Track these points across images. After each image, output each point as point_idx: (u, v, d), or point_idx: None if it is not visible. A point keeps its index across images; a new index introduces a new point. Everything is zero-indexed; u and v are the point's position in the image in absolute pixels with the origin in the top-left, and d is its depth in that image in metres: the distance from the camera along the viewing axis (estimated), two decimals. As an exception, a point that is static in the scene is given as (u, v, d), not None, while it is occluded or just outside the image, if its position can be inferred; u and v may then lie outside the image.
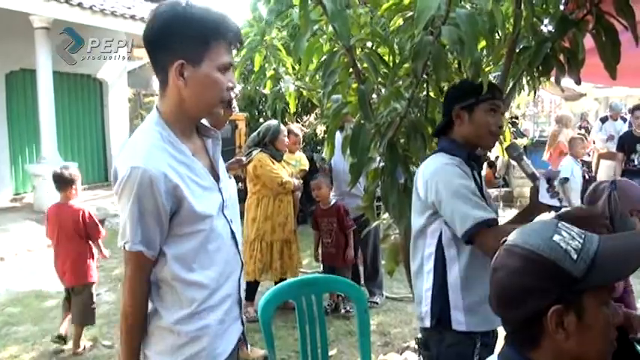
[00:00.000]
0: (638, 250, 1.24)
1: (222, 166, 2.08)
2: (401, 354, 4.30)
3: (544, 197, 2.37)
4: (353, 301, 2.94)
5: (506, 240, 1.32)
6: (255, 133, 5.95)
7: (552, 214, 2.48)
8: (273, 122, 5.94)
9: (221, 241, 1.96)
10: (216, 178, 2.00)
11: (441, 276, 2.40)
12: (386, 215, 3.44)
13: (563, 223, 1.28)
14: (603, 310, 1.21)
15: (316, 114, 11.85)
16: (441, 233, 2.41)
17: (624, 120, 10.93)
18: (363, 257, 6.08)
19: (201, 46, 1.82)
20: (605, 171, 9.24)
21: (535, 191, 2.43)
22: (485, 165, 12.94)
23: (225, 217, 1.99)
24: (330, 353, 2.85)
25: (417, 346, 2.58)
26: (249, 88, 10.96)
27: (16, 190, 11.61)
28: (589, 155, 10.87)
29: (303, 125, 11.81)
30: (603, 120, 11.37)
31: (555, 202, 2.36)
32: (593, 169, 9.70)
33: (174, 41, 1.82)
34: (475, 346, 2.34)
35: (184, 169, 1.87)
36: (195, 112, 1.91)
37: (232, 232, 2.02)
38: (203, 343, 1.92)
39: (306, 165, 6.86)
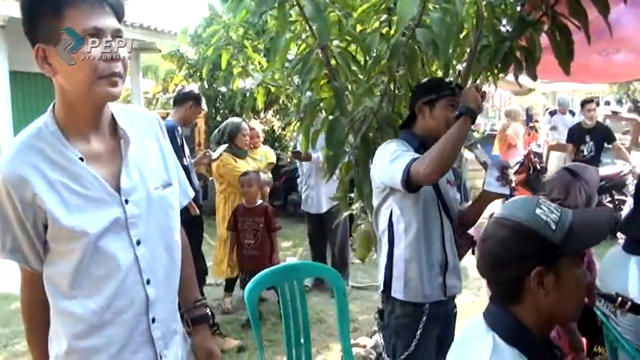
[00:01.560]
0: (604, 221, 1.48)
1: (137, 172, 1.69)
2: (370, 337, 4.48)
3: (491, 186, 2.58)
4: (332, 286, 3.10)
5: (493, 213, 1.54)
6: (216, 131, 5.97)
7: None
8: (235, 120, 5.96)
9: (114, 267, 1.60)
10: (118, 189, 1.63)
11: (390, 249, 2.67)
12: (356, 205, 3.63)
13: (543, 199, 1.51)
14: (576, 271, 1.44)
15: (274, 110, 11.94)
16: (391, 211, 2.68)
17: (572, 114, 11.40)
18: (331, 248, 6.18)
19: (55, 20, 1.49)
20: (555, 162, 9.63)
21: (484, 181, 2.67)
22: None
23: (130, 237, 1.63)
24: (302, 340, 3.02)
25: (375, 316, 2.86)
26: (206, 86, 11.09)
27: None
28: (539, 147, 11.30)
29: (261, 122, 11.91)
30: (552, 113, 11.83)
31: (505, 191, 2.57)
32: (544, 160, 10.08)
33: (30, 25, 1.53)
34: (421, 318, 2.58)
35: (59, 174, 1.56)
36: (78, 99, 1.58)
37: (136, 257, 1.64)
38: None
39: (272, 158, 6.86)
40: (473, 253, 2.77)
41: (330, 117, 3.16)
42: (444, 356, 1.61)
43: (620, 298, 2.07)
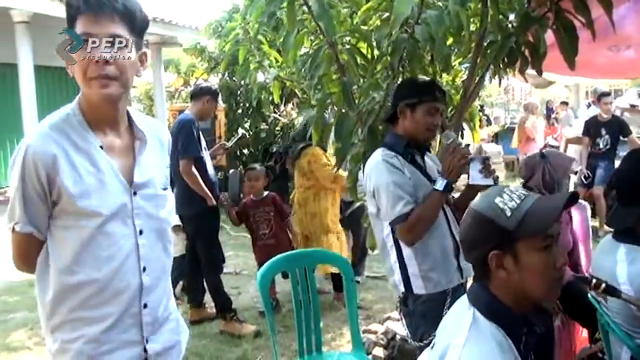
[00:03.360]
0: (554, 208, 1.59)
1: (149, 172, 1.88)
2: (382, 324, 4.59)
3: (475, 179, 2.67)
4: (341, 272, 3.23)
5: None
6: (300, 127, 5.92)
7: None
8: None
9: (116, 250, 1.76)
10: (130, 182, 1.82)
11: (398, 250, 2.74)
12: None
13: (510, 188, 1.66)
14: (539, 253, 1.56)
15: (293, 103, 12.05)
16: None
17: None
18: (353, 238, 6.04)
19: (71, 26, 1.72)
20: (573, 155, 9.63)
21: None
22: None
23: (134, 226, 1.81)
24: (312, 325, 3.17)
25: (397, 305, 2.88)
26: (228, 79, 11.24)
27: (-2, 184, 11.72)
28: (556, 140, 11.31)
29: (280, 115, 12.03)
30: (588, 105, 11.75)
31: (489, 182, 2.65)
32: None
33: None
34: (446, 300, 2.65)
35: (82, 157, 1.73)
36: (87, 97, 1.77)
37: (137, 245, 1.81)
38: (70, 358, 1.78)
39: None
40: None
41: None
42: None
43: (594, 280, 2.18)
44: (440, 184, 2.60)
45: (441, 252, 2.69)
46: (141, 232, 1.82)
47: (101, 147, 1.78)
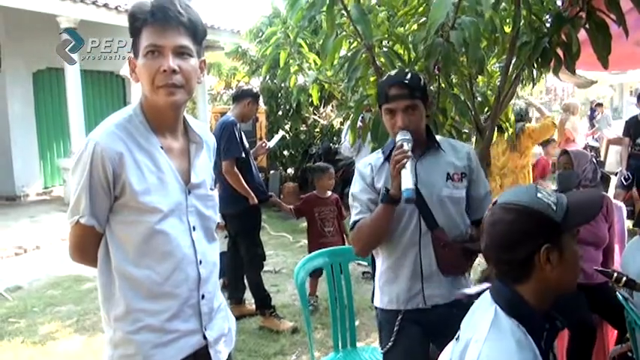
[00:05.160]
0: (595, 200, 1.67)
1: (202, 174, 2.00)
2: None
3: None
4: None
5: (496, 201, 1.70)
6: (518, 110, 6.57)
7: None
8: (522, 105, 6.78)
9: (175, 245, 1.87)
10: (187, 182, 1.93)
11: (375, 263, 2.74)
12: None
13: (539, 186, 1.69)
14: (574, 246, 1.62)
15: (332, 105, 12.15)
16: None
17: None
18: None
19: (136, 38, 1.83)
20: (614, 156, 9.49)
21: None
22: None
23: (188, 222, 1.92)
24: (355, 324, 3.27)
25: None
26: (269, 82, 11.40)
27: (45, 184, 12.12)
28: (597, 141, 11.17)
29: (320, 117, 12.14)
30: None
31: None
32: (602, 154, 9.96)
33: (132, 42, 1.87)
34: (397, 317, 2.58)
35: (144, 156, 1.84)
36: (151, 102, 1.87)
37: (192, 240, 1.92)
38: (135, 348, 1.86)
39: None
40: None
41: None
42: None
43: (615, 274, 2.22)
44: (381, 194, 2.43)
45: (407, 271, 2.55)
46: (194, 228, 1.93)
47: (162, 148, 1.89)
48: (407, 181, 2.24)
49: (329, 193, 5.61)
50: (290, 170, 11.98)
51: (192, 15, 1.85)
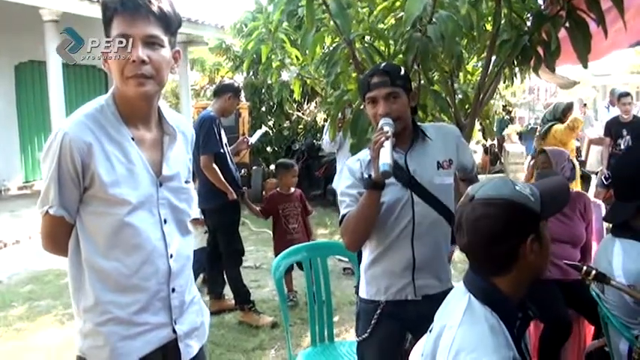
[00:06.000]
0: (563, 188, 1.72)
1: (176, 166, 1.98)
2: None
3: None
4: (354, 265, 3.33)
5: (473, 196, 1.67)
6: (550, 108, 7.25)
7: None
8: (568, 102, 7.24)
9: (145, 238, 1.86)
10: (158, 173, 1.91)
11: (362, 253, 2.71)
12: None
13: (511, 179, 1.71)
14: (547, 232, 1.65)
15: (316, 102, 12.16)
16: None
17: None
18: None
19: (107, 27, 1.80)
20: (595, 155, 9.59)
21: None
22: (481, 151, 13.29)
23: (160, 215, 1.90)
24: (334, 319, 3.27)
25: None
26: (253, 77, 11.39)
27: (26, 178, 12.04)
28: (578, 141, 11.24)
29: (303, 113, 12.14)
30: (607, 107, 11.69)
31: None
32: (583, 154, 10.04)
33: (104, 32, 1.83)
34: (376, 310, 2.56)
35: (114, 147, 1.82)
36: (122, 93, 1.85)
37: (163, 233, 1.90)
38: (103, 339, 1.85)
39: None
40: None
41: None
42: None
43: (585, 267, 2.24)
44: (364, 182, 2.42)
45: (399, 262, 2.53)
46: (165, 221, 1.92)
47: (132, 139, 1.86)
48: (384, 157, 2.23)
49: (292, 189, 5.62)
50: (273, 167, 11.98)
51: (164, 4, 1.82)
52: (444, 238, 2.60)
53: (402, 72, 2.52)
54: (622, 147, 7.83)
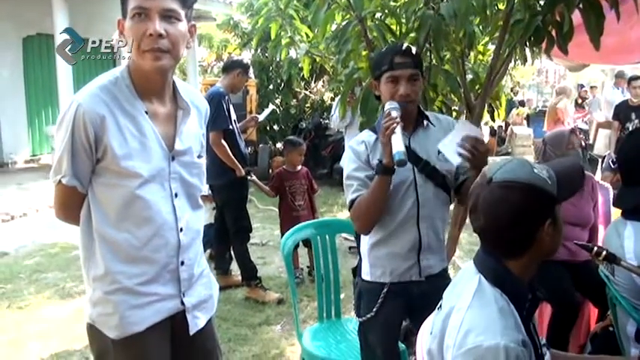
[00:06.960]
0: (577, 170, 1.71)
1: (189, 141, 1.99)
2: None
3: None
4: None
5: (491, 179, 1.64)
6: None
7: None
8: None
9: (155, 211, 1.87)
10: (171, 148, 1.92)
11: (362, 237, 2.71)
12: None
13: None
14: (560, 214, 1.64)
15: (324, 81, 12.12)
16: None
17: None
18: None
19: (124, 0, 1.80)
20: (603, 139, 9.54)
21: None
22: (488, 134, 13.27)
23: (171, 189, 1.92)
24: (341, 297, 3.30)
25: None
26: (261, 55, 11.34)
27: (33, 152, 12.07)
28: (586, 124, 11.21)
29: (310, 92, 12.11)
30: (617, 87, 11.54)
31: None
32: (591, 137, 10.00)
33: (121, 3, 1.83)
34: (381, 291, 2.57)
35: (127, 120, 1.82)
36: (137, 66, 1.84)
37: (174, 207, 1.92)
38: (112, 307, 1.87)
39: None
40: None
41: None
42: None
43: (595, 248, 2.23)
44: (376, 167, 2.43)
45: (405, 244, 2.53)
46: (176, 195, 1.93)
47: (146, 113, 1.87)
48: (397, 145, 2.23)
49: (299, 167, 5.64)
50: (279, 145, 11.98)
51: None
52: (443, 219, 2.63)
53: (420, 57, 2.52)
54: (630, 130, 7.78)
